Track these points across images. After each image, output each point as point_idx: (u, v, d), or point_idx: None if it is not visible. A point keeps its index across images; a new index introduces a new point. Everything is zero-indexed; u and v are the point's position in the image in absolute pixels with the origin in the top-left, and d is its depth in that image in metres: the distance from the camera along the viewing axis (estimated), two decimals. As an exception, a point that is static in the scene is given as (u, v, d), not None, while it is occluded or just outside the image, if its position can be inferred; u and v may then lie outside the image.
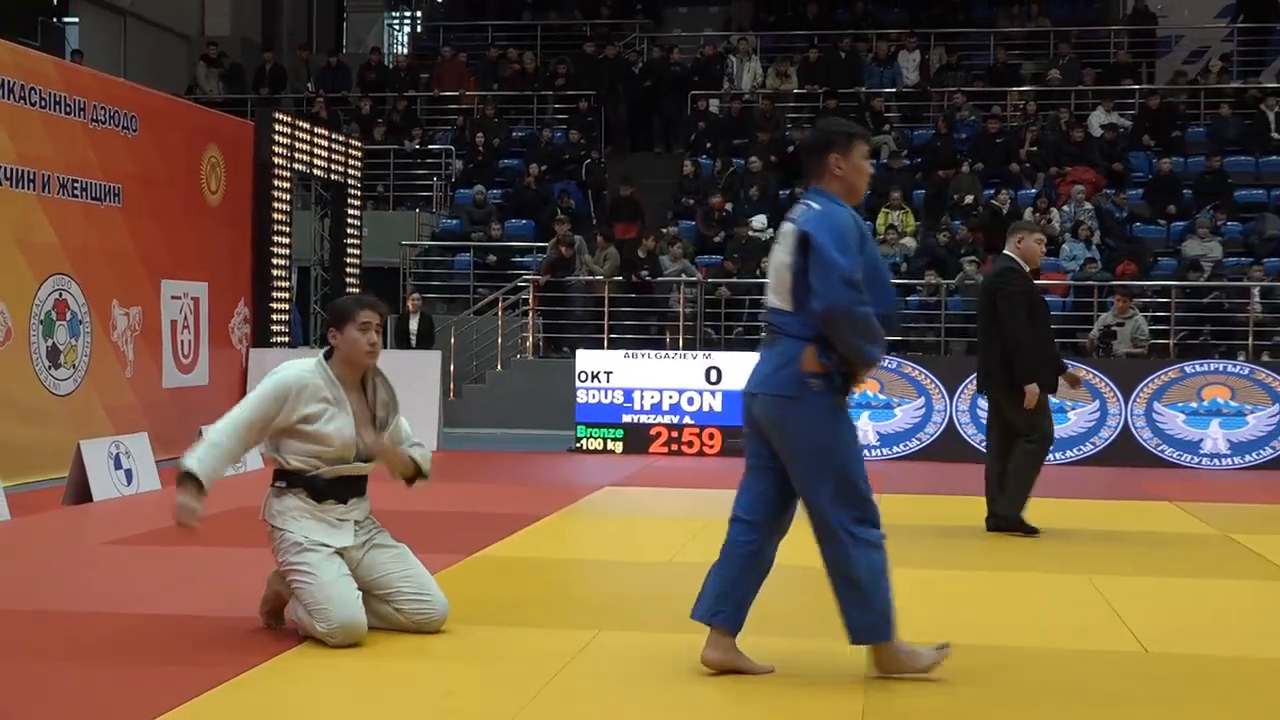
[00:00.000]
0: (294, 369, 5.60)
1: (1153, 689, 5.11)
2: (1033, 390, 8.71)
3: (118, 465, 10.19)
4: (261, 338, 14.42)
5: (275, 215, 14.48)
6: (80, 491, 9.75)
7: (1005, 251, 9.06)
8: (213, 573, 7.11)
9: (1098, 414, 13.61)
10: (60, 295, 11.20)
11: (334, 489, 5.55)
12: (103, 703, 4.68)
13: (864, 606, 5.02)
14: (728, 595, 5.17)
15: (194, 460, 5.43)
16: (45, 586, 6.95)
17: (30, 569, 7.46)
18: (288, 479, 5.55)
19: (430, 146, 20.73)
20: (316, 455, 5.50)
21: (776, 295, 5.13)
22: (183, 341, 13.15)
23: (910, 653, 5.07)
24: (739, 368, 14.01)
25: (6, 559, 7.78)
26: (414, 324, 16.09)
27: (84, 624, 5.95)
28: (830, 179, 5.11)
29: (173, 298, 12.96)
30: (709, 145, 20.27)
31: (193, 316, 13.35)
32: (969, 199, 18.18)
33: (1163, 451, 13.59)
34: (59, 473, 10.13)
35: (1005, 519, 8.84)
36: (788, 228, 5.07)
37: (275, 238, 14.52)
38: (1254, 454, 13.24)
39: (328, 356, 5.66)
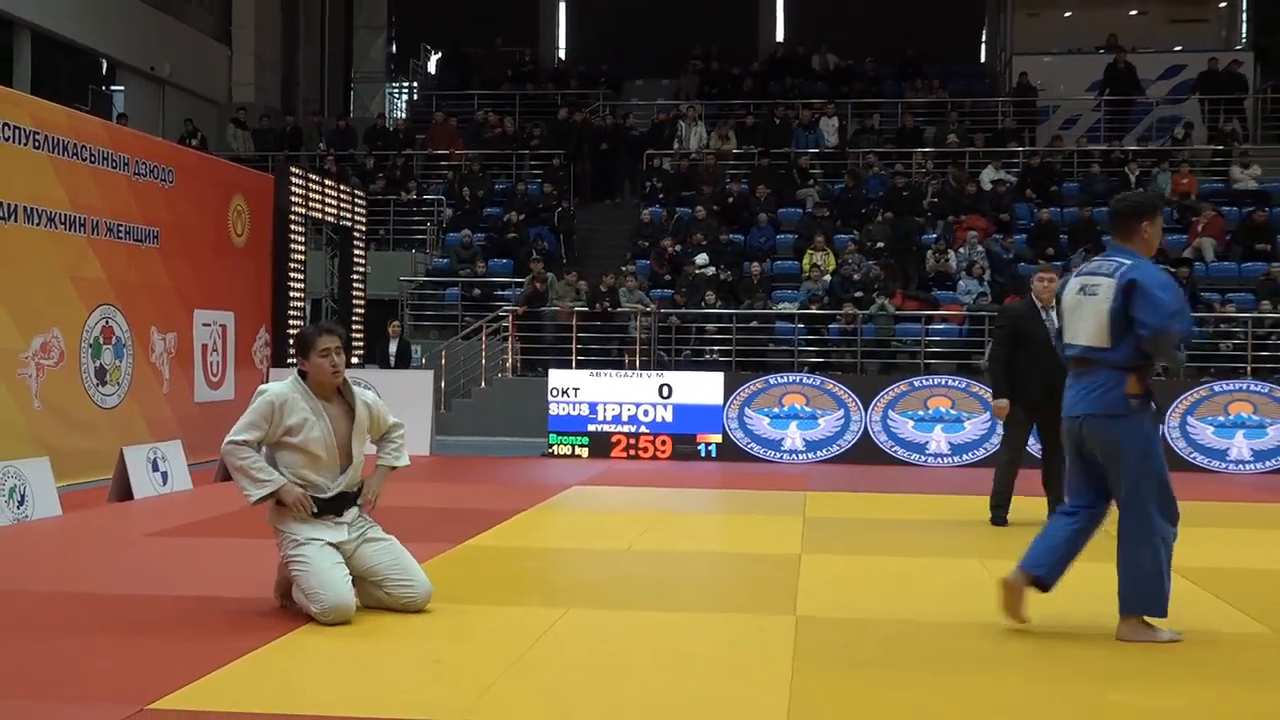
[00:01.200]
0: (274, 388, 5.62)
1: (1030, 653, 5.16)
2: (998, 405, 9.02)
3: (155, 468, 10.20)
4: (280, 359, 14.34)
5: (292, 255, 14.47)
6: (123, 490, 9.76)
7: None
8: (236, 560, 7.08)
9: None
10: (107, 323, 11.15)
11: (330, 505, 5.58)
12: (143, 672, 4.68)
13: (1143, 588, 5.41)
14: (1050, 556, 5.59)
15: (260, 488, 5.48)
16: (92, 572, 6.93)
17: (79, 557, 7.44)
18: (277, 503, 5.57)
19: (424, 196, 20.76)
20: (310, 467, 5.51)
21: (1091, 336, 5.44)
22: (212, 363, 13.11)
23: (1153, 629, 5.43)
24: (687, 385, 14.10)
25: (59, 548, 7.76)
26: (393, 347, 16.09)
27: (126, 604, 5.94)
28: (1137, 240, 5.51)
29: (203, 325, 12.93)
30: (661, 196, 20.34)
31: (221, 341, 13.31)
32: (880, 244, 18.28)
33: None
34: (105, 474, 10.10)
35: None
36: (1102, 281, 5.40)
37: (292, 274, 14.50)
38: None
39: (303, 375, 5.64)
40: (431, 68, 26.70)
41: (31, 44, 18.98)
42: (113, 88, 21.69)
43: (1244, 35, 24.24)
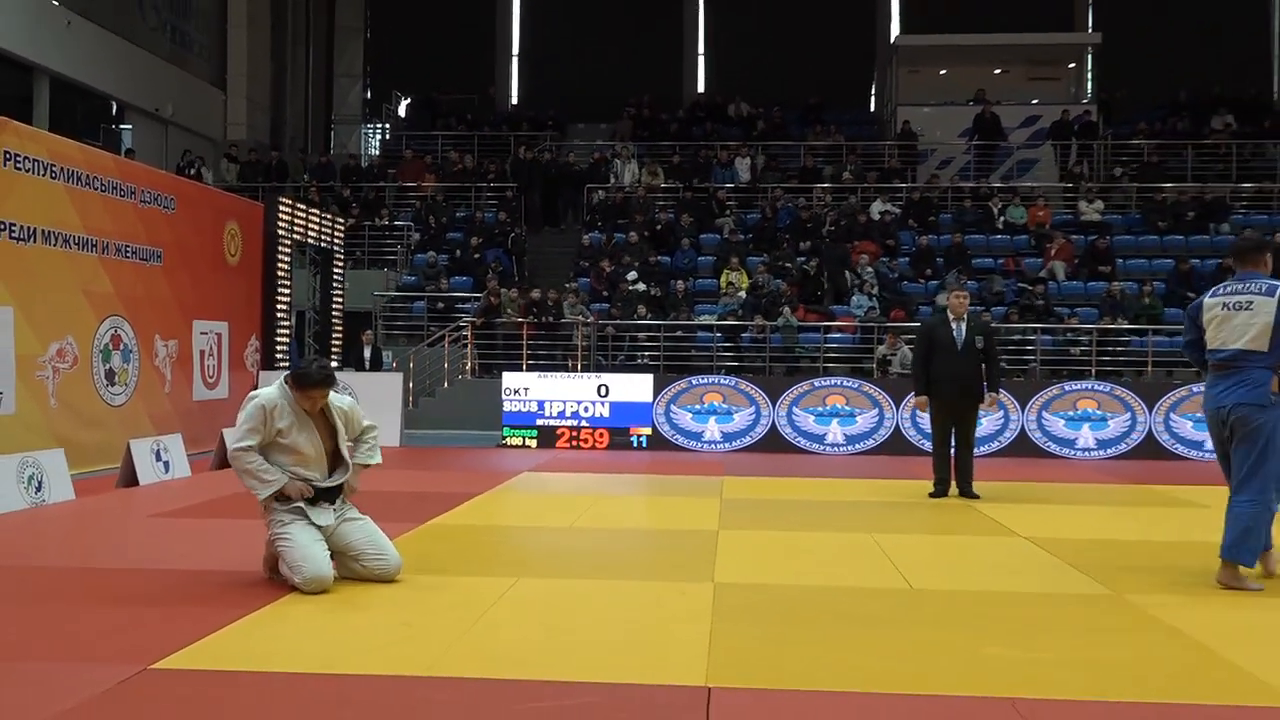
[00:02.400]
0: (264, 394, 5.54)
1: (915, 613, 5.21)
2: (919, 400, 9.50)
3: (158, 458, 10.05)
4: (268, 363, 14.22)
5: (279, 273, 14.34)
6: (129, 478, 9.63)
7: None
8: (230, 538, 6.98)
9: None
10: (116, 331, 10.97)
11: (325, 494, 5.58)
12: (146, 636, 4.60)
13: (1244, 540, 5.78)
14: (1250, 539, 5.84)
15: (268, 486, 5.48)
16: (102, 549, 6.82)
17: (90, 536, 7.31)
18: (280, 498, 5.52)
19: (395, 223, 20.60)
20: (300, 464, 5.47)
21: (1249, 342, 5.79)
22: (208, 366, 12.93)
23: (1243, 578, 5.80)
24: (621, 385, 14.10)
25: (72, 529, 7.61)
26: (367, 353, 15.99)
27: (131, 577, 5.85)
28: (1263, 266, 6.01)
29: (201, 333, 12.76)
30: (599, 224, 20.33)
31: (216, 347, 13.14)
32: (788, 264, 18.40)
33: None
34: (113, 464, 9.97)
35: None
36: (1257, 299, 5.82)
37: (279, 289, 14.37)
38: (991, 444, 13.58)
39: (286, 383, 5.57)
40: (401, 111, 26.51)
41: (50, 88, 18.67)
42: (121, 126, 21.33)
43: (1089, 91, 24.67)
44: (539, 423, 14.06)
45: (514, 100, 27.39)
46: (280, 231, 14.29)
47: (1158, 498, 9.92)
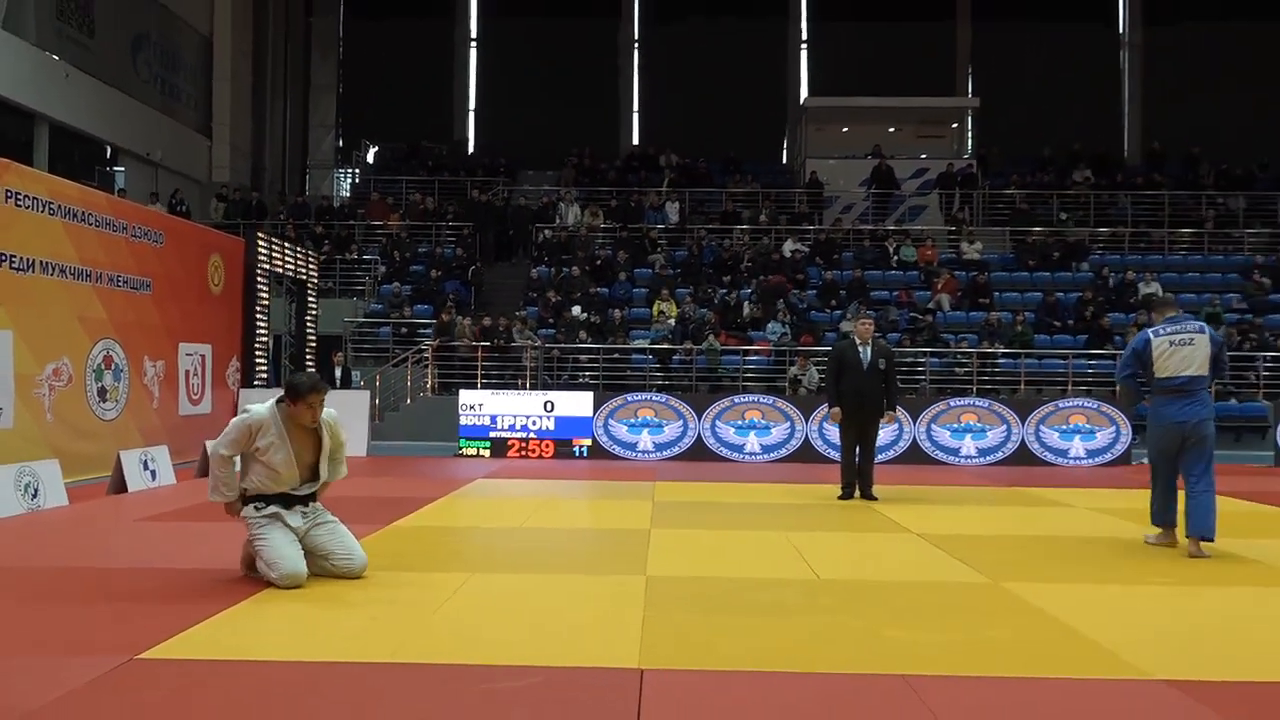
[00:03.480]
0: (256, 411, 5.40)
1: (823, 601, 5.24)
2: (833, 412, 9.54)
3: (146, 467, 9.80)
4: (248, 381, 13.97)
5: (258, 301, 14.12)
6: (119, 485, 9.37)
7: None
8: (211, 539, 6.82)
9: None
10: (107, 353, 10.70)
11: (298, 500, 5.51)
12: (134, 629, 4.47)
13: (1212, 521, 6.54)
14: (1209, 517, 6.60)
15: (218, 495, 5.46)
16: (93, 551, 6.62)
17: (82, 539, 7.10)
18: (255, 499, 5.44)
19: (363, 257, 20.39)
20: (271, 479, 5.39)
21: (1198, 369, 6.63)
22: (193, 384, 12.65)
23: (1202, 549, 6.58)
24: (565, 401, 14.05)
25: (65, 532, 7.38)
26: (338, 372, 15.85)
27: (120, 576, 5.69)
28: (1176, 310, 6.88)
29: (186, 355, 12.48)
30: (546, 259, 20.30)
31: (201, 367, 12.87)
32: (713, 297, 18.50)
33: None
34: (104, 472, 9.69)
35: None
36: (1196, 336, 6.67)
37: (258, 316, 14.15)
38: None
39: (280, 401, 5.44)
40: (370, 158, 26.28)
41: (50, 133, 18.25)
42: (115, 169, 20.88)
43: (969, 148, 25.19)
44: (492, 435, 13.95)
45: (470, 149, 27.28)
46: (259, 264, 14.09)
47: (1029, 498, 10.09)
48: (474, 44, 27.40)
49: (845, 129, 24.62)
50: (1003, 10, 26.20)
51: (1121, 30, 26.66)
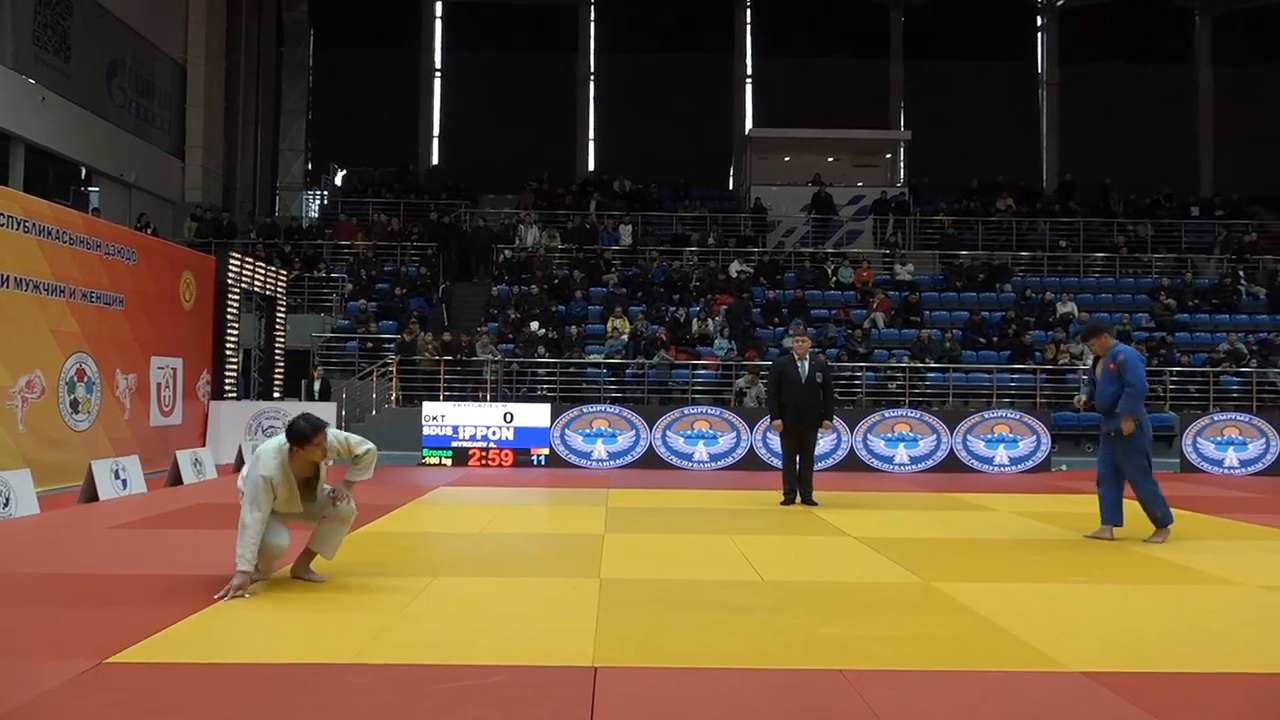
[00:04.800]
0: (268, 468, 5.16)
1: (766, 600, 5.25)
2: (776, 424, 9.60)
3: (117, 477, 9.56)
4: (218, 394, 13.72)
5: (228, 317, 13.89)
6: (90, 494, 9.12)
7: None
8: (180, 546, 6.69)
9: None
10: (80, 366, 10.46)
11: (296, 517, 5.47)
12: (104, 633, 4.36)
13: (1159, 508, 7.27)
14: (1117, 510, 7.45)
15: (245, 562, 5.11)
16: (64, 558, 6.44)
17: (53, 546, 6.90)
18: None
19: (331, 275, 20.14)
20: (275, 508, 5.30)
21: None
22: (164, 396, 12.41)
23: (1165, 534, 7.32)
24: (524, 412, 13.99)
25: (37, 540, 7.18)
26: (317, 386, 15.60)
27: (91, 582, 5.54)
28: (1105, 344, 7.63)
29: (158, 368, 12.24)
30: (506, 278, 20.21)
31: (172, 380, 12.63)
32: (664, 314, 18.54)
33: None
34: (76, 481, 9.44)
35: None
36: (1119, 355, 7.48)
37: (228, 331, 13.90)
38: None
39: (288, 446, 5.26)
40: (338, 181, 26.01)
41: (25, 154, 17.83)
42: (89, 189, 20.45)
43: (902, 177, 25.55)
44: (453, 445, 13.83)
45: (434, 171, 27.09)
46: (230, 281, 13.87)
47: (957, 503, 10.21)
48: (438, 74, 27.29)
49: (787, 158, 24.86)
50: (932, 50, 26.66)
51: (1040, 70, 27.25)
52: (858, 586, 5.68)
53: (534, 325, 17.83)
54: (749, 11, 27.14)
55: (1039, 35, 27.30)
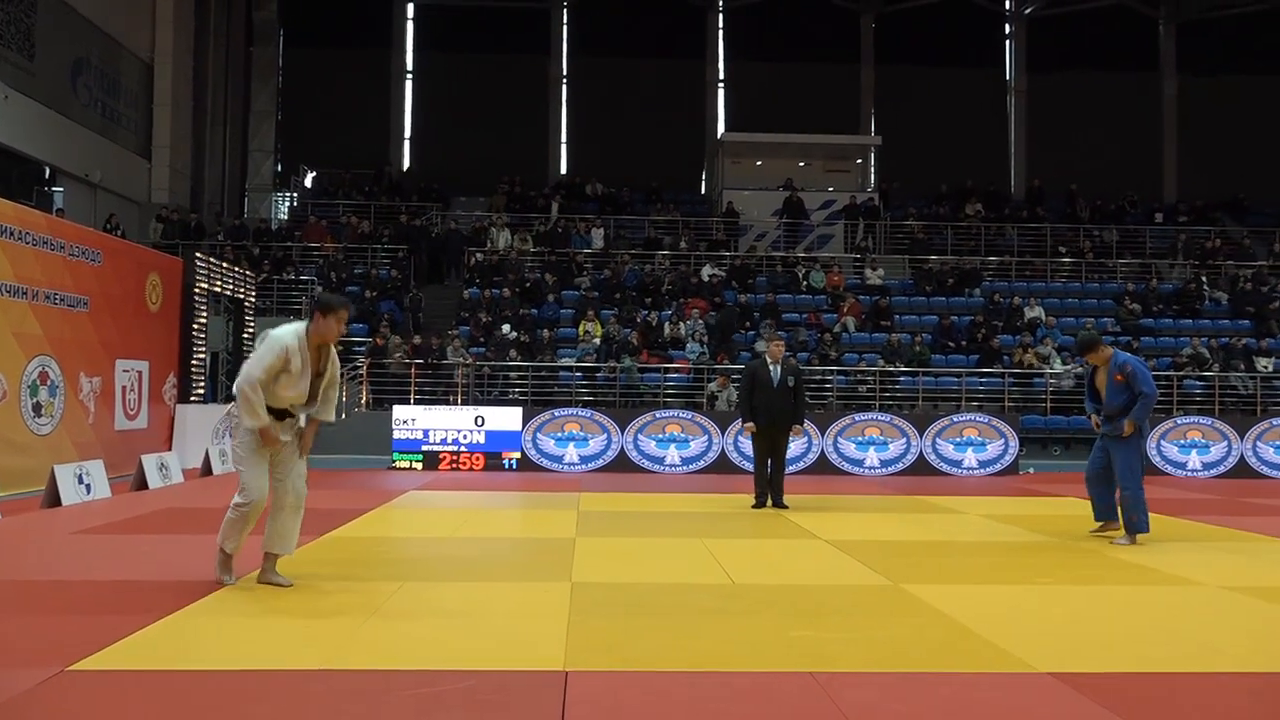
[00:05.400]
0: (286, 338, 5.23)
1: (737, 604, 5.26)
2: (748, 426, 9.63)
3: (80, 481, 9.42)
4: (184, 397, 13.55)
5: (196, 320, 13.71)
6: (53, 499, 8.98)
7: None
8: (144, 552, 6.60)
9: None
10: (43, 368, 10.29)
11: (282, 415, 5.38)
12: (66, 640, 4.28)
13: (1139, 514, 7.46)
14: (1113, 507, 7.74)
15: (257, 421, 5.19)
16: (26, 563, 6.33)
17: (15, 552, 6.78)
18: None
19: (301, 278, 19.96)
20: (273, 400, 5.28)
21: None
22: (130, 400, 12.23)
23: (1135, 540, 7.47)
24: (495, 416, 13.94)
25: (1, 545, 7.05)
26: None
27: (53, 588, 5.46)
28: (1104, 355, 7.71)
29: (123, 371, 12.06)
30: (477, 281, 20.13)
31: (138, 383, 12.45)
32: (636, 318, 18.56)
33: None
34: (39, 486, 9.28)
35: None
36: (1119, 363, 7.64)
37: (195, 334, 13.73)
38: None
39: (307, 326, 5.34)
40: (308, 182, 25.80)
41: (-14, 153, 17.56)
42: (53, 189, 20.15)
43: (872, 182, 25.73)
44: (424, 448, 13.75)
45: (406, 174, 26.95)
46: (198, 283, 13.71)
47: (927, 506, 10.28)
48: (409, 75, 27.15)
49: (759, 163, 24.97)
50: (903, 56, 26.88)
51: (1008, 77, 27.54)
52: (828, 589, 5.70)
53: (505, 328, 17.78)
54: (721, 16, 27.24)
55: (1007, 43, 27.60)
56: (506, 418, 13.94)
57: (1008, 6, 27.43)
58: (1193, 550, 7.33)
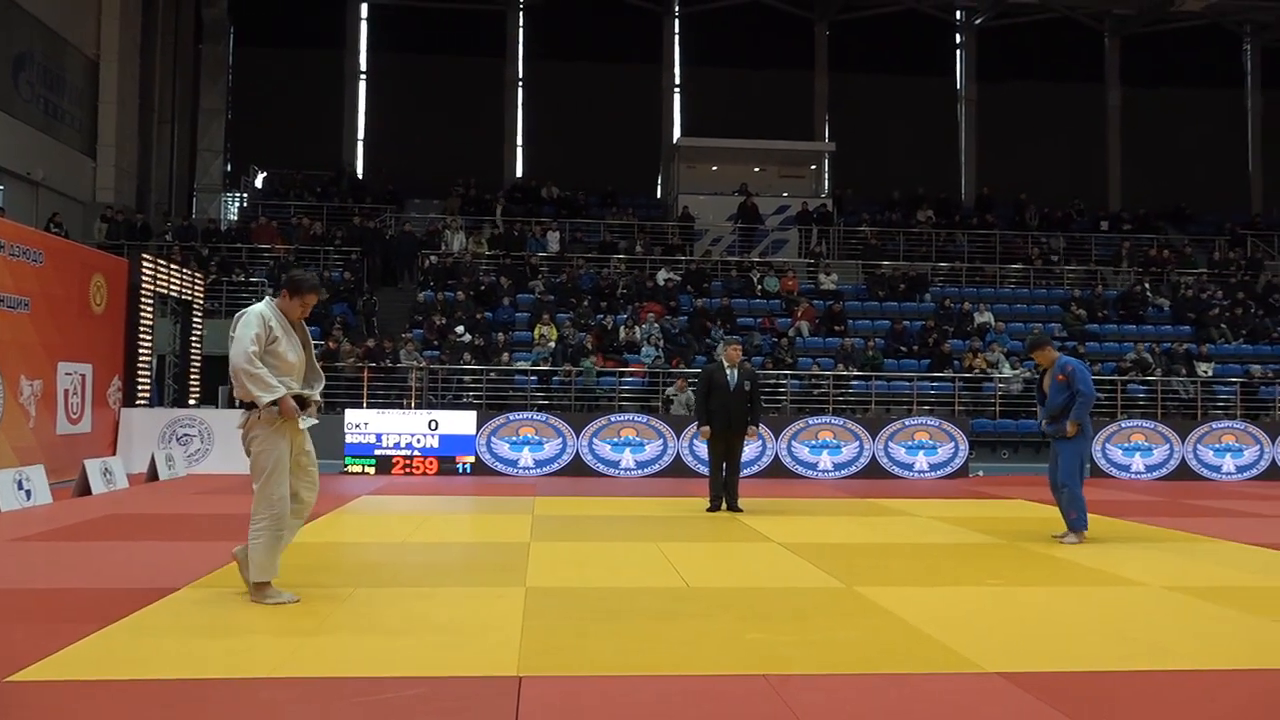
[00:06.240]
0: (257, 309, 5.15)
1: (691, 607, 5.27)
2: (703, 430, 9.61)
3: (20, 487, 9.18)
4: (130, 401, 13.27)
5: (141, 321, 13.45)
6: (-8, 506, 8.70)
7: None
8: (85, 559, 6.44)
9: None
10: (-19, 372, 10.00)
11: (301, 401, 5.30)
12: (4, 650, 4.15)
13: (1076, 512, 7.69)
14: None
15: (273, 393, 5.07)
16: (-38, 572, 6.13)
17: (-49, 560, 6.57)
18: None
19: (251, 279, 19.65)
20: (285, 374, 5.18)
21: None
22: (72, 404, 11.94)
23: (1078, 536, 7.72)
24: (449, 420, 13.82)
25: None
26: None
27: (-9, 597, 5.28)
28: (1049, 356, 7.91)
29: (66, 374, 11.77)
30: (432, 284, 19.98)
31: (81, 387, 12.16)
32: (591, 321, 18.53)
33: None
34: (-24, 493, 8.98)
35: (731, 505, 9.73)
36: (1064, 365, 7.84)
37: (141, 336, 13.46)
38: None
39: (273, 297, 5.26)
40: (258, 183, 25.41)
41: (-78, 150, 17.03)
42: (-7, 187, 19.65)
43: (826, 188, 25.97)
44: (377, 453, 13.60)
45: (360, 174, 26.69)
46: (144, 284, 13.44)
47: (879, 509, 10.38)
48: (363, 76, 26.88)
49: (715, 168, 25.09)
50: (857, 64, 27.19)
51: (959, 86, 27.98)
52: (782, 592, 5.73)
53: (460, 331, 17.66)
54: (677, 21, 27.34)
55: (958, 52, 28.04)
56: (460, 421, 13.84)
57: (958, 17, 27.87)
58: (1136, 551, 7.48)
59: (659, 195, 26.88)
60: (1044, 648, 4.52)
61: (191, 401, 14.73)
